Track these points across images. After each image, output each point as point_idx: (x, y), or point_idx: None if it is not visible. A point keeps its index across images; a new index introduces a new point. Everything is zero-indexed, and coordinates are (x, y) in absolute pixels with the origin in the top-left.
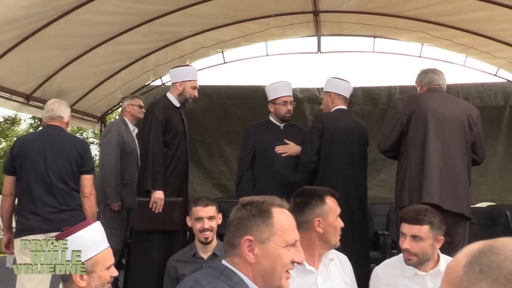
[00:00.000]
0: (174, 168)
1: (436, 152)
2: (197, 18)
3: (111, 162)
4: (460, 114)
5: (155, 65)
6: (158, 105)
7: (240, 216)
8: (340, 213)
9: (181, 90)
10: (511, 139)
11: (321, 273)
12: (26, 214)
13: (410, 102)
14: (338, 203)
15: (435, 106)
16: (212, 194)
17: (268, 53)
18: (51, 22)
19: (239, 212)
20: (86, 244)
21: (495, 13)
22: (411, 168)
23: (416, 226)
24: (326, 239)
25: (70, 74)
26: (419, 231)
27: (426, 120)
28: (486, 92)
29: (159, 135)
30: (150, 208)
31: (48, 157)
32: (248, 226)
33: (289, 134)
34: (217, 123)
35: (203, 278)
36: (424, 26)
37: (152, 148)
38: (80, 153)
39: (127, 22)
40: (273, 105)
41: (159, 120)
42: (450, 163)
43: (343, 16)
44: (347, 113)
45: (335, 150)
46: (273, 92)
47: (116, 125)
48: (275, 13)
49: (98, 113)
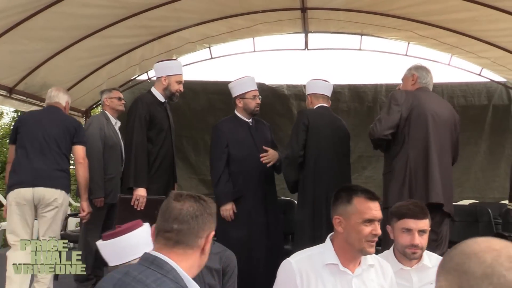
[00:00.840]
0: (160, 164)
1: (436, 153)
2: (184, 12)
3: (93, 156)
4: (450, 115)
5: (141, 60)
6: (142, 101)
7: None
8: (375, 219)
9: (166, 85)
10: (494, 138)
11: (357, 277)
12: (18, 170)
13: (409, 98)
14: (379, 208)
15: (434, 106)
16: (198, 190)
17: (255, 49)
18: (35, 14)
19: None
20: (140, 241)
21: (480, 13)
22: (411, 166)
23: (423, 220)
24: (349, 241)
25: (54, 68)
26: (426, 225)
27: (426, 120)
28: (470, 92)
29: (142, 132)
30: (132, 205)
31: (45, 125)
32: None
33: (259, 130)
34: (203, 119)
35: (133, 270)
36: (411, 25)
37: (135, 145)
38: (74, 126)
39: (113, 15)
40: (241, 100)
41: (142, 117)
42: (445, 164)
43: (331, 14)
44: (328, 110)
45: (323, 145)
46: (241, 87)
47: (96, 119)
48: (263, 9)
49: (83, 107)
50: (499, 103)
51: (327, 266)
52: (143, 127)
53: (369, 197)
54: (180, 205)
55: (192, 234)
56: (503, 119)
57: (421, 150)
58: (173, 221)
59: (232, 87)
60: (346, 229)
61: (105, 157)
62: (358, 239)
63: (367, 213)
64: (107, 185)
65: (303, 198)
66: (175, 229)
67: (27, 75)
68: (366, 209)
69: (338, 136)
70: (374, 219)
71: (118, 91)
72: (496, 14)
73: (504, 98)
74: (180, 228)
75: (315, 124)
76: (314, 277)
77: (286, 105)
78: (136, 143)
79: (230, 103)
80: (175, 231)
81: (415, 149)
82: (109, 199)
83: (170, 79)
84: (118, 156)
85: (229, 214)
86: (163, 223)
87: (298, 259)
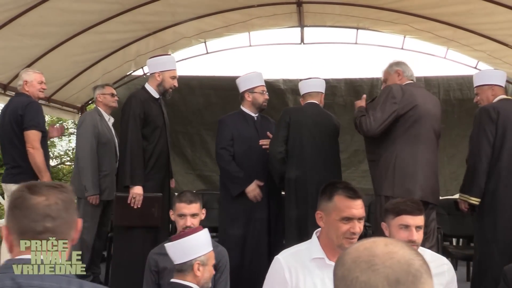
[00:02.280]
0: (155, 162)
1: (428, 148)
2: (179, 7)
3: (86, 154)
4: (437, 110)
5: (136, 55)
6: (136, 98)
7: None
8: (354, 217)
9: (160, 81)
10: None
11: None
12: None
13: (407, 95)
14: (360, 207)
15: (426, 103)
16: (194, 185)
17: (251, 44)
18: (28, 9)
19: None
20: (201, 242)
21: (475, 6)
22: (398, 160)
23: (419, 216)
24: (329, 236)
25: (48, 64)
26: (421, 221)
27: (421, 117)
28: (466, 85)
29: (137, 129)
30: (129, 203)
31: (1, 121)
32: None
33: (264, 125)
34: (199, 114)
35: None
36: (406, 19)
37: (130, 144)
38: (19, 114)
39: (108, 11)
40: (250, 94)
41: (136, 114)
42: (435, 158)
43: (326, 7)
44: (315, 106)
45: (304, 141)
46: (250, 82)
47: (89, 115)
48: (258, 3)
49: (78, 103)
50: None
51: (314, 260)
52: (138, 125)
53: (349, 196)
54: (44, 199)
55: (68, 227)
56: None
57: (410, 145)
58: (43, 219)
59: (240, 82)
60: (326, 224)
61: (99, 154)
62: (336, 235)
63: (345, 211)
64: (101, 182)
65: (288, 193)
66: (50, 228)
67: None
68: (344, 207)
69: (322, 132)
70: (353, 218)
71: (111, 87)
72: (492, 7)
73: None
74: (55, 225)
75: (296, 120)
76: (302, 272)
77: (282, 99)
78: (131, 141)
79: (226, 97)
80: (49, 230)
81: (405, 144)
82: (104, 196)
83: (164, 74)
84: (112, 152)
85: (257, 193)
86: (29, 224)
87: (286, 255)
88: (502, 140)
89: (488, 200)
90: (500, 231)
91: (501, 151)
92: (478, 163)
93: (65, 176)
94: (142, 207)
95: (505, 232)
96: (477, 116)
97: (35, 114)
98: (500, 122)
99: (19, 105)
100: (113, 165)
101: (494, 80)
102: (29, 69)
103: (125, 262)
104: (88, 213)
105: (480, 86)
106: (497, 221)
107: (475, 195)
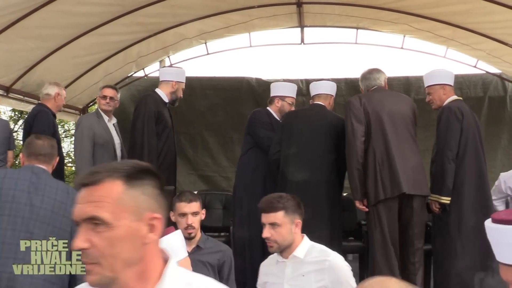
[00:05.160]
0: (163, 160)
1: (396, 147)
2: (180, 9)
3: (83, 157)
4: (406, 109)
5: (137, 56)
6: (151, 97)
7: None
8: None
9: (175, 90)
10: (490, 129)
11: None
12: None
13: (363, 101)
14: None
15: (387, 104)
16: (196, 186)
17: (251, 44)
18: (31, 12)
19: None
20: (172, 246)
21: (474, 6)
22: (379, 162)
23: (271, 214)
24: None
25: (50, 66)
26: (275, 218)
27: (382, 118)
28: (466, 84)
29: (153, 128)
30: None
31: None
32: None
33: None
34: (200, 115)
35: None
36: (406, 18)
37: (147, 141)
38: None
39: (109, 13)
40: (280, 101)
41: (152, 111)
42: (407, 155)
43: (326, 8)
44: (316, 107)
45: (294, 143)
46: (286, 90)
47: (85, 118)
48: (258, 4)
49: (80, 105)
50: (495, 94)
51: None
52: (153, 123)
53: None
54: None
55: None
56: (499, 111)
57: (382, 146)
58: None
59: (275, 86)
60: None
61: (97, 156)
62: None
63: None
64: None
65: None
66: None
67: (24, 74)
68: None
69: (315, 133)
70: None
71: (108, 88)
72: (491, 6)
73: (500, 90)
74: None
75: (288, 123)
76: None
77: None
78: (147, 134)
79: (227, 98)
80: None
81: (377, 148)
82: None
83: (179, 85)
84: (111, 154)
85: None
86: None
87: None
88: (466, 140)
89: (454, 199)
90: (464, 229)
91: (465, 150)
92: (446, 163)
93: (67, 177)
94: None
95: (468, 230)
96: (443, 116)
97: (40, 122)
98: (465, 123)
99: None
100: None
101: (445, 80)
102: (58, 83)
103: None
104: None
105: (432, 85)
106: (461, 219)
107: (446, 194)
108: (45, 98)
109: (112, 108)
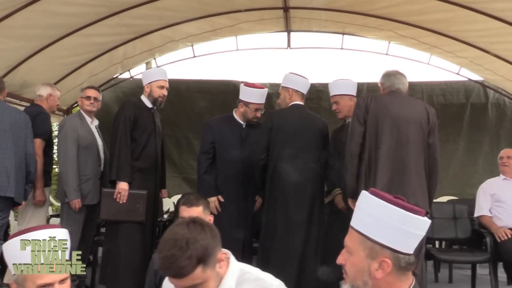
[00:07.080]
0: (143, 165)
1: (387, 150)
2: (166, 11)
3: (67, 158)
4: (417, 116)
5: (123, 58)
6: (128, 102)
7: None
8: None
9: (149, 91)
10: (472, 135)
11: None
12: None
13: (369, 102)
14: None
15: (395, 108)
16: (181, 188)
17: (238, 48)
18: (14, 12)
19: None
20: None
21: (457, 14)
22: (365, 164)
23: (185, 278)
24: None
25: (34, 66)
26: (193, 280)
27: (380, 121)
28: (448, 90)
29: (126, 130)
30: (115, 198)
31: None
32: None
33: (250, 134)
34: (186, 118)
35: None
36: (391, 25)
37: (119, 143)
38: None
39: (95, 14)
40: (244, 106)
41: (127, 117)
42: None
43: (313, 13)
44: (302, 108)
45: (283, 145)
46: (249, 95)
47: (68, 120)
48: (245, 8)
49: (64, 106)
50: (477, 101)
51: None
52: (127, 126)
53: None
54: None
55: None
56: (481, 117)
57: (373, 150)
58: None
59: (243, 91)
60: None
61: (81, 158)
62: None
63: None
64: (84, 186)
65: (267, 199)
66: None
67: (7, 73)
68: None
69: (306, 137)
70: None
71: (91, 89)
72: (473, 15)
73: (481, 97)
74: None
75: (277, 125)
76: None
77: (269, 103)
78: (120, 140)
79: (213, 101)
80: None
81: (369, 150)
82: (87, 200)
83: (151, 85)
84: (95, 156)
85: (213, 206)
86: None
87: None
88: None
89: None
90: None
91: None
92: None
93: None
94: (127, 202)
95: None
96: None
97: (43, 124)
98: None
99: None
100: (96, 168)
101: (353, 91)
102: (52, 84)
103: (112, 261)
104: (72, 217)
105: (341, 95)
106: None
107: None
108: (38, 99)
109: (96, 109)
